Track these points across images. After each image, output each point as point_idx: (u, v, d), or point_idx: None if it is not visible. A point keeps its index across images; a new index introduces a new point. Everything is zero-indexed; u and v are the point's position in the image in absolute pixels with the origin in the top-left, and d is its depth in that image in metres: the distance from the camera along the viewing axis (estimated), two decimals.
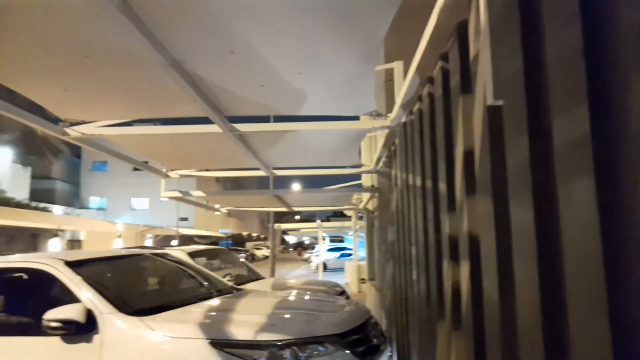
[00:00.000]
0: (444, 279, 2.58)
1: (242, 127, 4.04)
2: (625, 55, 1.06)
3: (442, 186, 2.51)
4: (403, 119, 3.79)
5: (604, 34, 1.13)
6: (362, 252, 16.56)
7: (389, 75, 5.23)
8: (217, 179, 36.72)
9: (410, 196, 3.55)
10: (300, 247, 64.73)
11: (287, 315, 3.59)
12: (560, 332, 1.31)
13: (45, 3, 2.21)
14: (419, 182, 3.17)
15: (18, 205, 25.67)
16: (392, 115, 3.92)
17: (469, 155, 2.05)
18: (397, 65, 3.87)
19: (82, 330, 2.95)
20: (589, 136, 1.10)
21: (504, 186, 1.65)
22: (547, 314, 1.36)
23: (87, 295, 3.14)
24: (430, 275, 2.91)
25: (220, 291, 4.28)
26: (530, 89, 1.42)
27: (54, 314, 2.93)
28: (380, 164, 6.05)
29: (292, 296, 4.55)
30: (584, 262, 1.17)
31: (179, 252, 6.09)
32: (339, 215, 32.82)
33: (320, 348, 2.98)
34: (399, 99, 3.44)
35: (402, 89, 3.24)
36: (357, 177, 9.31)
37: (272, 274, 17.35)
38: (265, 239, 57.68)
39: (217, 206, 10.71)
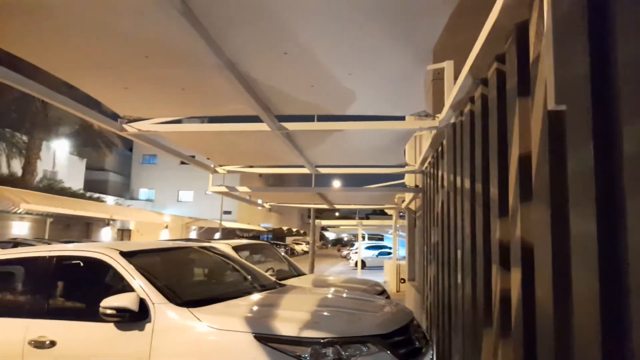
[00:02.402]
0: (492, 285, 2.52)
1: (290, 125, 4.09)
2: None
3: (494, 191, 2.45)
4: (452, 120, 3.72)
5: None
6: (402, 252, 16.39)
7: (437, 74, 5.15)
8: (261, 175, 37.33)
9: (458, 199, 3.48)
10: (339, 243, 64.96)
11: (330, 314, 3.61)
12: (621, 348, 1.26)
13: (109, 4, 2.33)
14: (467, 185, 3.11)
15: (74, 194, 27.11)
16: (441, 116, 3.85)
17: (524, 160, 1.99)
18: (448, 65, 3.79)
19: (135, 318, 3.09)
20: None
21: (563, 194, 1.59)
22: (608, 329, 1.31)
23: (140, 285, 3.28)
24: (477, 280, 2.85)
25: (264, 286, 4.36)
26: (596, 95, 1.36)
27: (110, 302, 3.08)
28: (426, 165, 5.96)
29: (334, 294, 4.57)
30: None
31: (224, 246, 6.25)
32: (379, 213, 32.61)
33: (363, 348, 2.99)
34: (449, 100, 3.38)
35: (453, 90, 3.18)
36: (401, 176, 9.21)
37: (312, 270, 17.49)
38: (304, 234, 58.18)
39: (259, 201, 10.89)
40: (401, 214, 13.89)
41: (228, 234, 35.73)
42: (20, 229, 21.13)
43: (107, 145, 30.86)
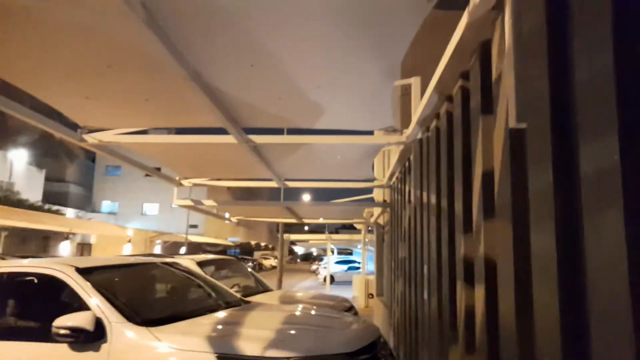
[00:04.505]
0: (457, 300, 2.53)
1: (258, 138, 4.05)
2: None
3: (459, 207, 2.47)
4: (419, 136, 3.77)
5: (636, 60, 1.10)
6: (371, 266, 16.43)
7: (405, 90, 5.22)
8: (228, 188, 36.88)
9: (424, 214, 3.51)
10: (309, 258, 64.67)
11: (296, 331, 3.54)
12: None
13: (69, 12, 2.24)
14: (433, 201, 3.14)
15: (31, 207, 25.94)
16: (408, 131, 3.89)
17: (488, 177, 2.02)
18: (415, 81, 3.85)
19: (90, 338, 2.94)
20: (618, 166, 1.07)
21: (525, 211, 1.61)
22: (569, 344, 1.32)
23: (97, 303, 3.13)
24: (443, 296, 2.86)
25: (229, 303, 4.25)
26: (555, 114, 1.39)
27: (64, 321, 2.93)
28: (394, 180, 6.02)
29: (300, 311, 4.50)
30: (610, 294, 1.13)
31: (188, 262, 6.08)
32: (348, 227, 32.70)
33: None
34: (415, 116, 3.42)
35: (419, 106, 3.22)
36: (369, 191, 9.27)
37: (280, 286, 17.25)
38: (273, 248, 57.62)
39: (227, 215, 10.72)
40: (370, 228, 13.96)
41: (194, 248, 34.95)
42: None
43: (68, 155, 29.85)
